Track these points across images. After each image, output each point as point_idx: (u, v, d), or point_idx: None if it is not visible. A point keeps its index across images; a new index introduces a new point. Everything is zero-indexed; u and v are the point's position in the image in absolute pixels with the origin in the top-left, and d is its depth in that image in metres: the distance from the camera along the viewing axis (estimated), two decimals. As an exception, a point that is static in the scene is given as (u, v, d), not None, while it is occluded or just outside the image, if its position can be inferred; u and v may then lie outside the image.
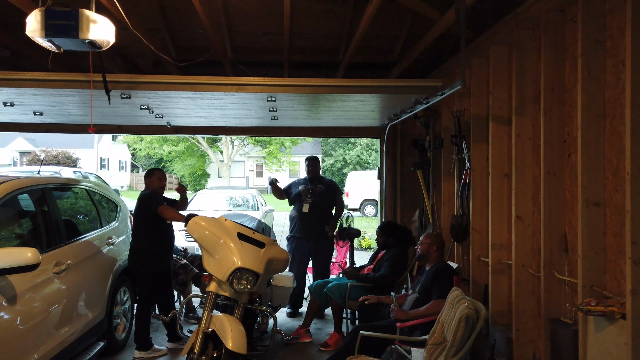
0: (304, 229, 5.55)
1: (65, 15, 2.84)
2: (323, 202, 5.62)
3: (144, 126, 6.38)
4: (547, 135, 3.21)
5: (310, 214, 5.52)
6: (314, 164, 5.78)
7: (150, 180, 4.46)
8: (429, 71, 5.44)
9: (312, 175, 5.72)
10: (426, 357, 3.05)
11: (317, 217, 5.56)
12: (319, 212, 5.58)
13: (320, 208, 5.58)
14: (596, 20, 2.77)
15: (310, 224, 5.53)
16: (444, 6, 3.61)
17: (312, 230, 5.53)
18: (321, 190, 5.62)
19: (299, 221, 5.58)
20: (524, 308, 3.52)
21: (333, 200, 5.76)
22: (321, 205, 5.60)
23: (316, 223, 5.54)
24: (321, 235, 5.57)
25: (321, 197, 5.59)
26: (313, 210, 5.53)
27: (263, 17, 4.56)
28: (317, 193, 5.57)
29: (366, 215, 19.67)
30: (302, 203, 5.54)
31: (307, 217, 5.52)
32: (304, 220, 5.54)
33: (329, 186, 5.75)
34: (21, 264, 2.70)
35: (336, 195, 5.81)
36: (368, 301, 4.09)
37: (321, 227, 5.56)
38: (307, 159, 5.84)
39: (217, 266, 3.46)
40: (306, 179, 5.76)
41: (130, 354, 4.33)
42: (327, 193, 5.66)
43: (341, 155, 36.98)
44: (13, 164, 28.19)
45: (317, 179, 5.74)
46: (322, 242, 5.61)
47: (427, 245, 3.88)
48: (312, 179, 5.70)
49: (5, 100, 4.51)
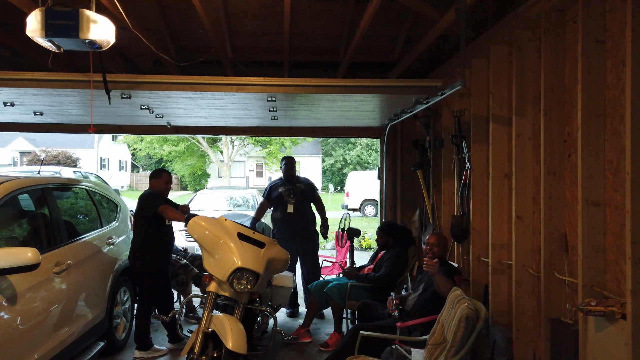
0: (289, 229, 5.50)
1: (65, 15, 2.84)
2: (304, 200, 5.61)
3: (144, 126, 6.38)
4: (547, 135, 3.21)
5: (294, 213, 5.49)
6: (292, 164, 5.71)
7: (157, 182, 4.42)
8: (429, 71, 5.45)
9: (289, 175, 5.65)
10: (426, 357, 3.05)
11: (301, 217, 5.54)
12: (302, 211, 5.56)
13: (302, 207, 5.57)
14: (596, 20, 2.77)
15: (295, 224, 5.51)
16: (444, 6, 3.61)
17: (297, 230, 5.51)
18: (301, 189, 5.60)
19: (283, 222, 5.52)
20: (524, 308, 3.52)
21: (313, 198, 5.74)
22: (303, 204, 5.58)
23: (301, 222, 5.53)
24: (307, 234, 5.57)
25: (302, 196, 5.58)
26: (296, 209, 5.50)
27: (263, 17, 4.56)
28: (298, 192, 5.55)
29: (366, 215, 19.67)
30: (286, 204, 5.49)
31: (292, 217, 5.49)
32: (289, 220, 5.49)
33: (306, 185, 5.71)
34: (21, 264, 2.70)
35: (315, 193, 5.79)
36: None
37: (305, 225, 5.57)
38: (285, 159, 5.76)
39: (217, 266, 3.46)
40: (283, 179, 5.69)
41: (130, 354, 4.33)
42: (306, 191, 5.64)
43: (341, 155, 37.01)
44: (13, 164, 28.23)
45: (294, 178, 5.69)
46: (309, 241, 5.60)
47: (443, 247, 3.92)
48: (290, 179, 5.64)
49: (5, 100, 4.51)
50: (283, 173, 5.70)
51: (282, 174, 5.71)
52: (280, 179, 5.74)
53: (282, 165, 5.73)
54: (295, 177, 5.70)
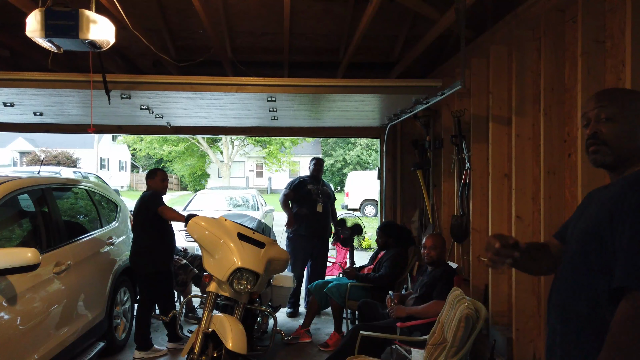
0: (313, 227, 5.57)
1: (65, 15, 2.84)
2: (328, 203, 5.73)
3: (144, 126, 6.38)
4: (547, 135, 3.20)
5: (322, 213, 5.61)
6: (321, 166, 5.84)
7: (153, 181, 4.46)
8: (429, 71, 5.44)
9: (317, 175, 5.77)
10: (426, 357, 3.04)
11: (326, 218, 5.69)
12: (327, 214, 5.70)
13: (327, 209, 5.70)
14: (596, 20, 2.76)
15: (320, 224, 5.63)
16: (444, 6, 3.61)
17: (319, 230, 5.63)
18: (327, 192, 5.76)
19: (310, 219, 5.56)
20: (524, 308, 3.52)
21: (332, 204, 5.88)
22: (327, 206, 5.71)
23: (324, 222, 5.67)
24: (325, 234, 5.73)
25: (327, 198, 5.72)
26: (324, 210, 5.63)
27: (263, 17, 4.56)
28: (325, 194, 5.69)
29: (366, 215, 19.65)
30: (315, 202, 5.59)
31: (319, 216, 5.59)
32: (316, 218, 5.58)
33: (329, 189, 5.88)
34: (21, 264, 2.70)
35: (334, 200, 5.95)
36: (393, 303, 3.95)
37: (327, 226, 5.71)
38: (315, 159, 5.89)
39: (217, 266, 3.46)
40: (310, 178, 5.78)
41: (130, 354, 4.33)
42: (331, 196, 5.81)
43: (341, 155, 36.97)
44: (13, 164, 28.19)
45: (320, 181, 5.82)
46: (324, 243, 5.75)
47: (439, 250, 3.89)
48: (317, 179, 5.76)
49: (5, 100, 4.51)
50: (311, 172, 5.80)
51: (310, 172, 5.81)
52: (308, 177, 5.82)
53: (312, 165, 5.83)
54: (321, 180, 5.84)
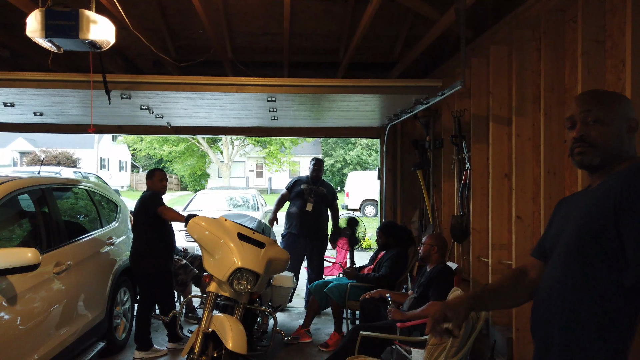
0: (303, 226, 5.58)
1: (65, 15, 2.85)
2: (322, 204, 5.71)
3: (144, 126, 6.38)
4: (547, 135, 3.20)
5: (312, 213, 5.59)
6: (320, 166, 5.83)
7: (152, 182, 4.47)
8: (429, 71, 5.44)
9: (316, 176, 5.76)
10: (426, 357, 3.04)
11: (317, 218, 5.64)
12: (318, 214, 5.66)
13: (319, 210, 5.66)
14: (596, 20, 2.76)
15: (310, 223, 5.60)
16: (444, 6, 3.61)
17: (310, 229, 5.60)
18: (322, 192, 5.72)
19: (298, 218, 5.60)
20: (524, 308, 3.51)
21: (331, 205, 5.85)
22: (320, 207, 5.68)
23: (315, 223, 5.63)
24: (317, 234, 5.67)
25: (322, 199, 5.68)
26: (314, 210, 5.60)
27: (263, 17, 4.56)
28: (319, 194, 5.66)
29: (366, 215, 19.65)
30: (305, 202, 5.59)
31: (308, 216, 5.58)
32: (304, 217, 5.58)
33: (329, 191, 5.84)
34: (21, 264, 2.70)
35: (334, 201, 5.92)
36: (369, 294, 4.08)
37: (318, 226, 5.66)
38: (314, 160, 5.88)
39: (217, 266, 3.46)
40: (308, 178, 5.79)
41: (131, 354, 4.33)
42: (327, 197, 5.76)
43: (341, 155, 36.96)
44: (13, 164, 28.22)
45: (320, 181, 5.81)
46: (317, 242, 5.70)
47: (428, 247, 3.88)
48: (315, 180, 5.75)
49: (5, 100, 4.51)
50: (310, 173, 5.80)
51: (309, 173, 5.81)
52: (306, 177, 5.83)
53: (311, 165, 5.83)
54: (320, 180, 5.81)
